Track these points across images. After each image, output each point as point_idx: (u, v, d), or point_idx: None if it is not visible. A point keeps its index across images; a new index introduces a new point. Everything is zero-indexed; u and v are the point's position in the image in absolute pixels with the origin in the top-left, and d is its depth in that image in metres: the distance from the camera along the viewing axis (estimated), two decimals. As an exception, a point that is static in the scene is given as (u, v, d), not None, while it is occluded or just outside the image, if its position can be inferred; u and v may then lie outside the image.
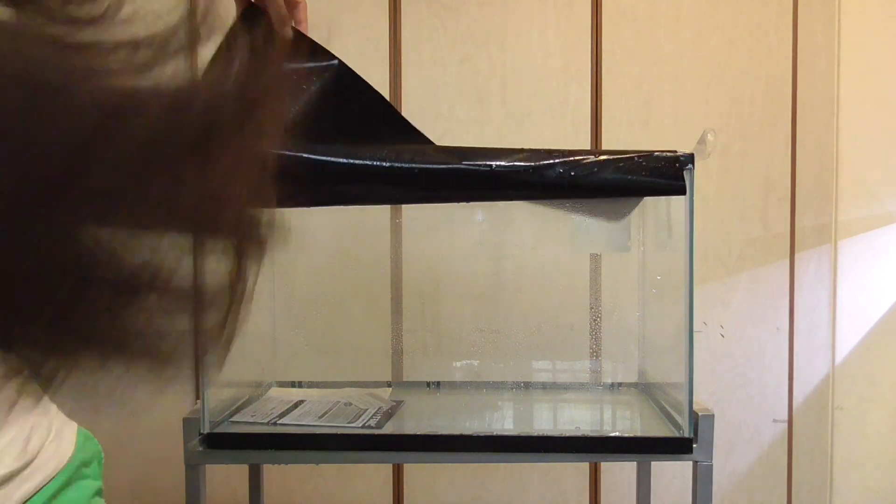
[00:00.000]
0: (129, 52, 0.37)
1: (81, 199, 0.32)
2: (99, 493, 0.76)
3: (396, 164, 1.00)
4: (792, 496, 1.90)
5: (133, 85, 0.35)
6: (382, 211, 1.66)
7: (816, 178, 1.89)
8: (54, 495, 0.66)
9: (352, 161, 0.99)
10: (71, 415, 0.80)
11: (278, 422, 1.15)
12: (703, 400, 1.11)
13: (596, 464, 1.88)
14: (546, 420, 1.28)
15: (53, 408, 0.68)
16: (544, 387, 1.43)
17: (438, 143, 1.06)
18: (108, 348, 0.36)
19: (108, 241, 0.34)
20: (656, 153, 1.08)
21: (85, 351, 0.36)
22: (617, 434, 1.11)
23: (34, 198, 0.31)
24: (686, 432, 1.08)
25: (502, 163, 1.02)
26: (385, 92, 1.82)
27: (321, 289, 1.64)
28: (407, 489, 1.87)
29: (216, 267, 0.39)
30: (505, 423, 1.21)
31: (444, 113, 1.83)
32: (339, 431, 1.11)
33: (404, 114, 1.10)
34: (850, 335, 1.92)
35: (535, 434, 1.09)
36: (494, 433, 1.10)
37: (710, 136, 1.08)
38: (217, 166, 0.36)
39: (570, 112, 1.85)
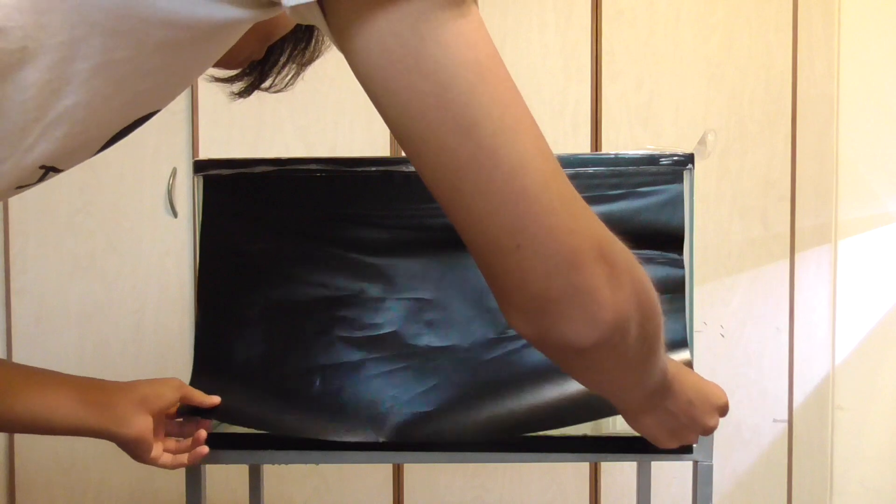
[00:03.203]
0: None
1: None
2: None
3: None
4: (792, 496, 1.90)
5: None
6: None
7: (816, 178, 1.89)
8: None
9: None
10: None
11: (278, 422, 1.15)
12: (703, 400, 1.11)
13: (596, 464, 1.88)
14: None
15: None
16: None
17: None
18: None
19: None
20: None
21: None
22: (617, 434, 1.11)
23: None
24: (686, 432, 1.08)
25: None
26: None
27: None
28: (407, 489, 1.87)
29: None
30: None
31: (444, 113, 1.82)
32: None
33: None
34: (850, 335, 1.92)
35: (536, 434, 1.09)
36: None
37: (710, 137, 1.08)
38: None
39: (569, 112, 1.85)
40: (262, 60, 0.70)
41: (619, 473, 1.88)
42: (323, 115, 1.83)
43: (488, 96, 0.51)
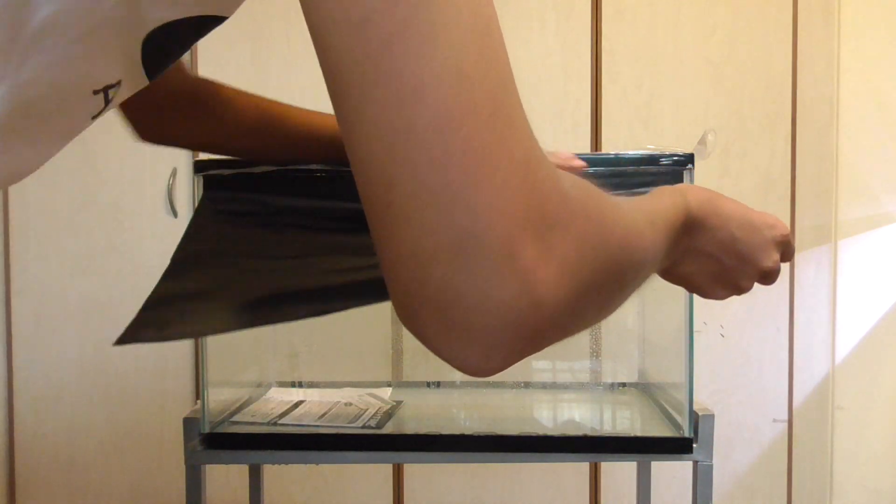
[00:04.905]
0: None
1: None
2: None
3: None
4: (792, 496, 1.90)
5: None
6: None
7: (816, 178, 1.89)
8: None
9: None
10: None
11: (278, 422, 1.15)
12: (703, 400, 1.11)
13: (596, 464, 1.88)
14: (546, 420, 1.28)
15: None
16: (544, 386, 1.43)
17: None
18: None
19: None
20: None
21: None
22: (617, 434, 1.11)
23: None
24: (686, 432, 1.08)
25: None
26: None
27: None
28: (407, 489, 1.87)
29: None
30: (505, 423, 1.21)
31: (444, 113, 1.82)
32: (339, 431, 1.11)
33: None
34: (850, 335, 1.92)
35: (535, 434, 1.09)
36: (494, 433, 1.10)
37: (710, 137, 1.08)
38: None
39: (569, 112, 1.85)
40: None
41: (620, 473, 1.88)
42: (323, 115, 1.83)
43: None
